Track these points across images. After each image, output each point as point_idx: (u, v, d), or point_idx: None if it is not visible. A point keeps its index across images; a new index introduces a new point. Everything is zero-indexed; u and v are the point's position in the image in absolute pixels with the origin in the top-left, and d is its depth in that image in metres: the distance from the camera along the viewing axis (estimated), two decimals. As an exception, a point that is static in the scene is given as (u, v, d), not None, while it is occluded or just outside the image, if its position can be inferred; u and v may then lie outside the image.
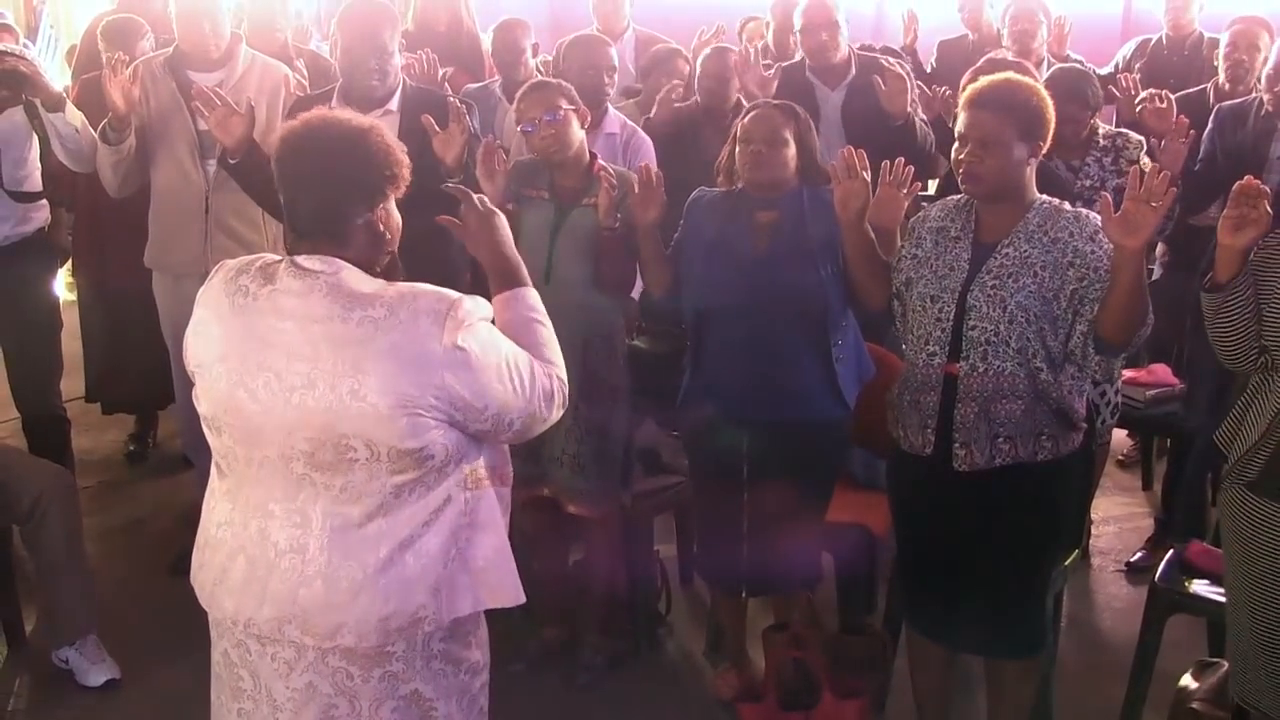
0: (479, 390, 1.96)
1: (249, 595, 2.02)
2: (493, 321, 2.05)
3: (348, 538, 1.97)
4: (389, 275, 2.05)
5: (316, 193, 1.99)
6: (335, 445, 1.93)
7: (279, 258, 2.03)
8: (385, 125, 3.38)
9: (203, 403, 2.05)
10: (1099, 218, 2.57)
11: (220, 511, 2.09)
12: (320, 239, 1.99)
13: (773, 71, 4.33)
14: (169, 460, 5.02)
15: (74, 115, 3.81)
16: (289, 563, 1.99)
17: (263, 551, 2.01)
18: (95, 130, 3.78)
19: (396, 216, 2.08)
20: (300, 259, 1.98)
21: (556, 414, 2.12)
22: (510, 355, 2.03)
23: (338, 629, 1.98)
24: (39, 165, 4.09)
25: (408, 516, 1.98)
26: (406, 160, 2.05)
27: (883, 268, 2.87)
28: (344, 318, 1.92)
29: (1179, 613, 3.19)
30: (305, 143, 2.00)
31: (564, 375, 2.15)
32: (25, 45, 8.16)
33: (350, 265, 1.97)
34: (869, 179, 2.84)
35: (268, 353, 1.95)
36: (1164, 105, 3.91)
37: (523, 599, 2.12)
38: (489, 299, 2.11)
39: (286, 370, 1.93)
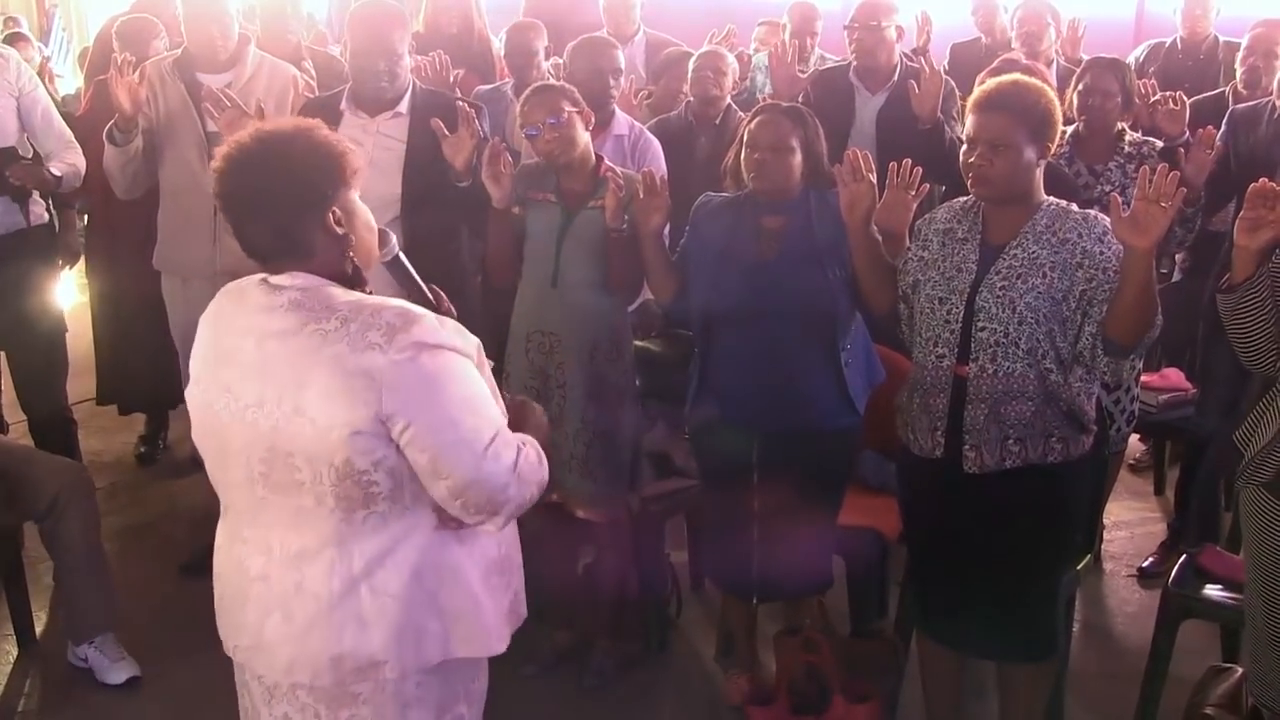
0: (419, 418, 1.80)
1: (230, 623, 2.00)
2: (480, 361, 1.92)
3: (302, 567, 1.88)
4: (356, 286, 1.93)
5: (262, 217, 1.89)
6: (284, 465, 1.84)
7: (257, 275, 1.95)
8: (393, 128, 3.45)
9: (193, 426, 2.01)
10: (1107, 219, 2.56)
11: (220, 537, 2.05)
12: (281, 259, 1.90)
13: (807, 75, 4.32)
14: (180, 462, 5.02)
15: (61, 168, 3.93)
16: (257, 592, 1.93)
17: (240, 578, 1.96)
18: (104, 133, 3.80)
19: (358, 209, 1.95)
20: (274, 276, 1.90)
21: (520, 493, 1.89)
22: (478, 400, 1.86)
23: (292, 664, 1.91)
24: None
25: (361, 549, 1.86)
26: (349, 148, 1.93)
27: (889, 271, 2.86)
28: (297, 331, 1.83)
29: (1192, 618, 3.18)
30: (238, 168, 1.89)
31: (544, 473, 1.94)
32: (39, 49, 8.20)
33: (322, 278, 1.88)
34: (874, 180, 2.83)
35: (228, 371, 1.90)
36: (1178, 107, 3.89)
37: (503, 648, 2.00)
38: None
39: (243, 389, 1.87)
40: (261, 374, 1.85)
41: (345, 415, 1.79)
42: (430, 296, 2.12)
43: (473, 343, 1.91)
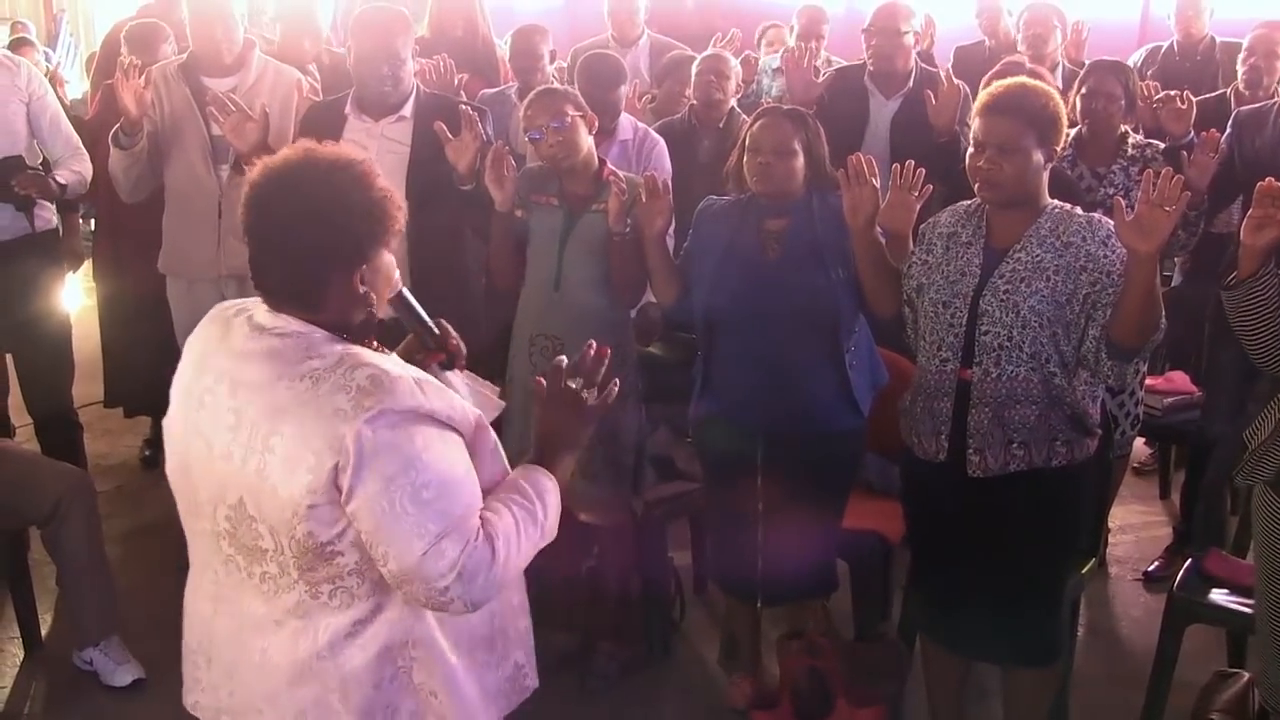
0: (362, 492, 1.65)
1: (194, 681, 1.91)
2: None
3: (265, 636, 1.77)
4: (361, 335, 1.80)
5: (287, 259, 1.73)
6: (248, 529, 1.72)
7: (250, 304, 1.82)
8: (397, 131, 3.45)
9: (167, 456, 1.88)
10: (1111, 222, 2.55)
11: (189, 585, 1.94)
12: (288, 302, 1.75)
13: (822, 78, 4.31)
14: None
15: (67, 176, 3.95)
16: (224, 653, 1.83)
17: (204, 636, 1.87)
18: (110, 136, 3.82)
19: (385, 267, 1.79)
20: (261, 311, 1.77)
21: (468, 593, 1.69)
22: (436, 484, 1.67)
23: None
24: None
25: (327, 624, 1.74)
26: (400, 203, 1.78)
27: (893, 274, 2.86)
28: (271, 386, 1.69)
29: (1197, 622, 3.17)
30: (278, 194, 1.72)
31: (508, 559, 1.74)
32: (45, 54, 8.23)
33: (310, 326, 1.73)
34: (877, 185, 2.82)
35: (201, 416, 1.76)
36: (1184, 106, 3.88)
37: None
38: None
39: (214, 437, 1.73)
40: (232, 426, 1.72)
41: (305, 485, 1.65)
42: (437, 331, 1.99)
43: (468, 412, 1.76)
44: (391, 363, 1.76)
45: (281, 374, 1.69)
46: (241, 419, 1.71)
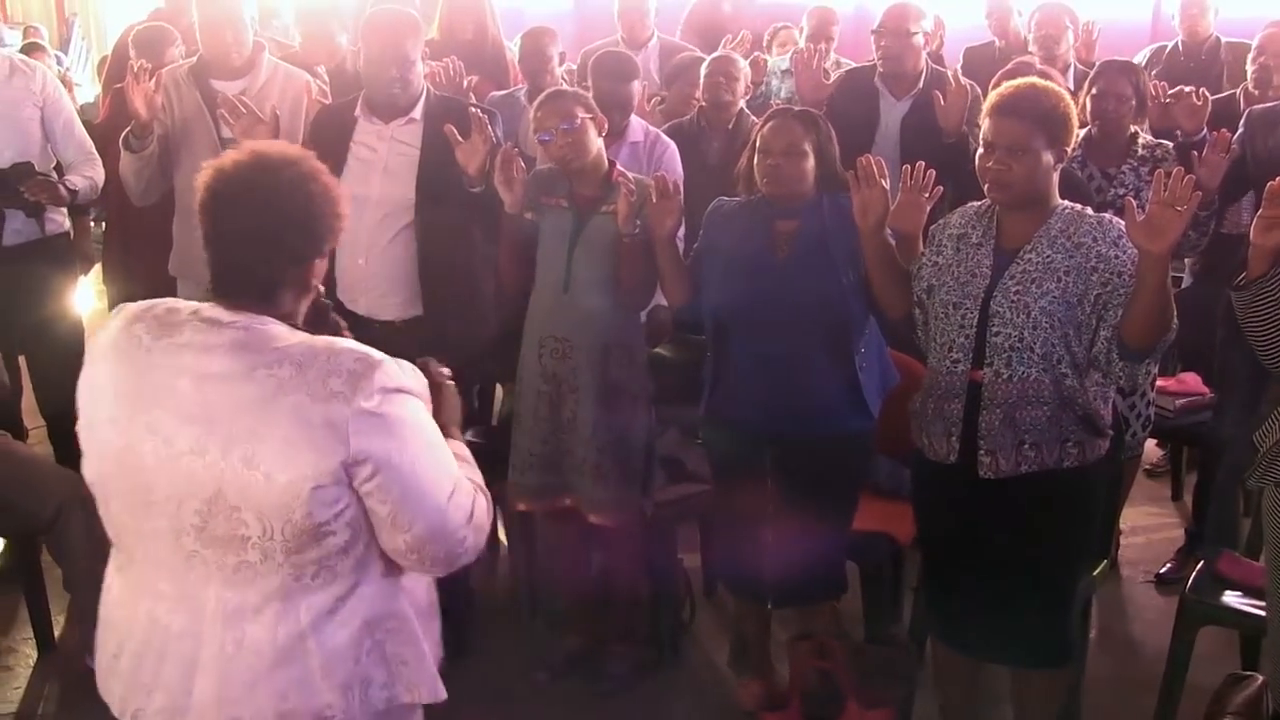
0: (384, 468, 1.72)
1: (138, 684, 1.85)
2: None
3: (242, 625, 1.77)
4: (317, 325, 1.86)
5: (248, 251, 1.78)
6: (226, 519, 1.72)
7: (180, 304, 1.83)
8: (407, 134, 3.45)
9: (89, 467, 1.85)
10: (1122, 222, 2.54)
11: (115, 589, 1.91)
12: (246, 298, 1.79)
13: (832, 80, 4.31)
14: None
15: (78, 181, 3.97)
16: (181, 649, 1.80)
17: (152, 636, 1.83)
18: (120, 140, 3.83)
19: (325, 264, 1.89)
20: (207, 307, 1.79)
21: (476, 542, 1.86)
22: (438, 448, 1.81)
23: None
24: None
25: (309, 603, 1.77)
26: (346, 201, 1.86)
27: (903, 276, 2.85)
28: (247, 376, 1.71)
29: (1210, 624, 3.16)
30: (235, 191, 1.77)
31: (486, 499, 1.90)
32: (57, 58, 8.25)
33: (267, 318, 1.78)
34: (887, 186, 2.82)
35: (158, 413, 1.74)
36: (1199, 103, 3.87)
37: (442, 695, 1.93)
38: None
39: (177, 433, 1.73)
40: (202, 419, 1.72)
41: (309, 469, 1.70)
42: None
43: (423, 382, 1.84)
44: (361, 346, 1.82)
45: (255, 363, 1.72)
46: (215, 411, 1.72)
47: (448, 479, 1.82)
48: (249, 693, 1.78)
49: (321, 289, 1.92)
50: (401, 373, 1.78)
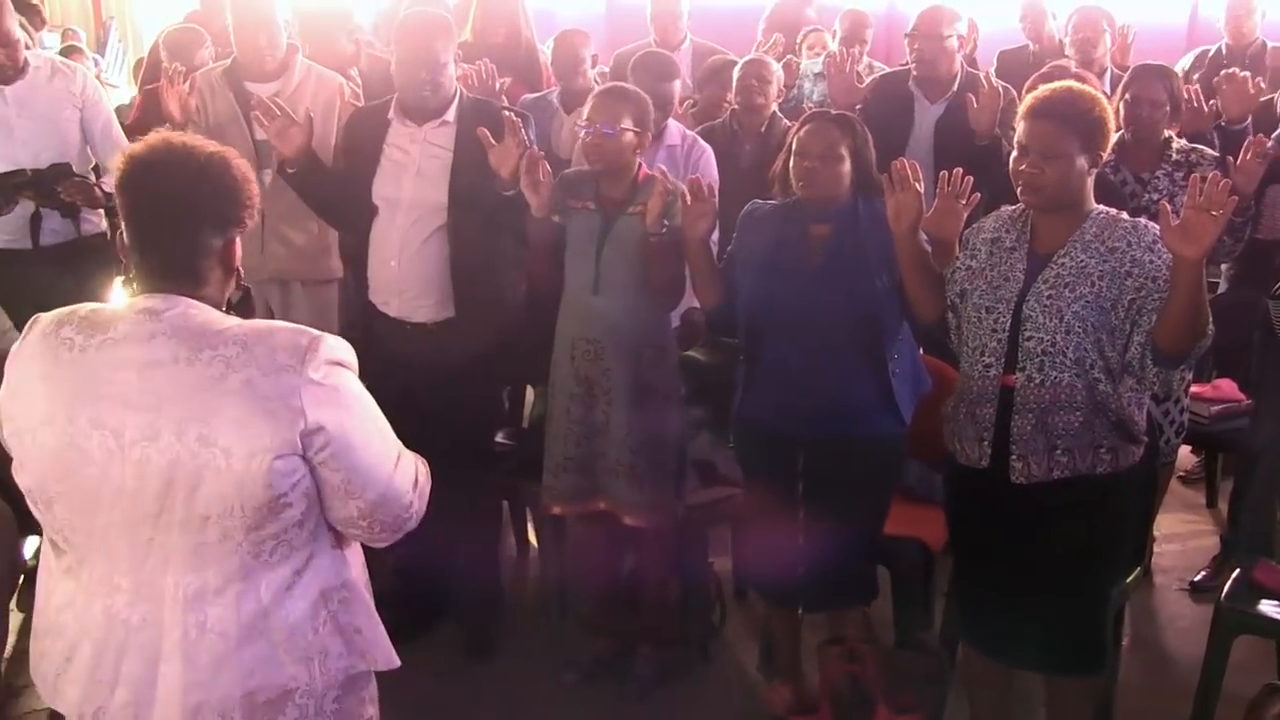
0: (336, 436, 1.79)
1: (98, 683, 1.84)
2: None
3: (204, 608, 1.79)
4: (243, 311, 1.91)
5: (170, 222, 1.82)
6: (185, 502, 1.75)
7: (105, 305, 1.86)
8: (440, 136, 3.47)
9: (25, 474, 1.84)
10: (1157, 227, 2.52)
11: (61, 593, 1.89)
12: (179, 278, 1.82)
13: (865, 84, 4.29)
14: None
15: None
16: (142, 641, 1.81)
17: (110, 633, 1.82)
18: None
19: (240, 249, 1.93)
20: (140, 300, 1.81)
21: (420, 509, 1.96)
22: (381, 418, 1.89)
23: (198, 709, 1.80)
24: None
25: (269, 580, 1.81)
26: (258, 190, 1.92)
27: (936, 280, 2.84)
28: (191, 359, 1.74)
29: (1246, 633, 3.13)
30: (155, 171, 1.82)
31: (425, 468, 1.99)
32: (94, 60, 8.33)
33: (199, 303, 1.82)
34: (921, 190, 2.81)
35: (101, 407, 1.76)
36: (1253, 91, 3.82)
37: (396, 662, 1.98)
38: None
39: (125, 424, 1.74)
40: (150, 406, 1.74)
41: (268, 439, 1.74)
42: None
43: (352, 354, 1.89)
44: (296, 325, 1.87)
45: (199, 346, 1.76)
46: (162, 397, 1.74)
47: (393, 446, 1.90)
48: (214, 675, 1.81)
49: (241, 271, 1.97)
50: (340, 346, 1.84)
